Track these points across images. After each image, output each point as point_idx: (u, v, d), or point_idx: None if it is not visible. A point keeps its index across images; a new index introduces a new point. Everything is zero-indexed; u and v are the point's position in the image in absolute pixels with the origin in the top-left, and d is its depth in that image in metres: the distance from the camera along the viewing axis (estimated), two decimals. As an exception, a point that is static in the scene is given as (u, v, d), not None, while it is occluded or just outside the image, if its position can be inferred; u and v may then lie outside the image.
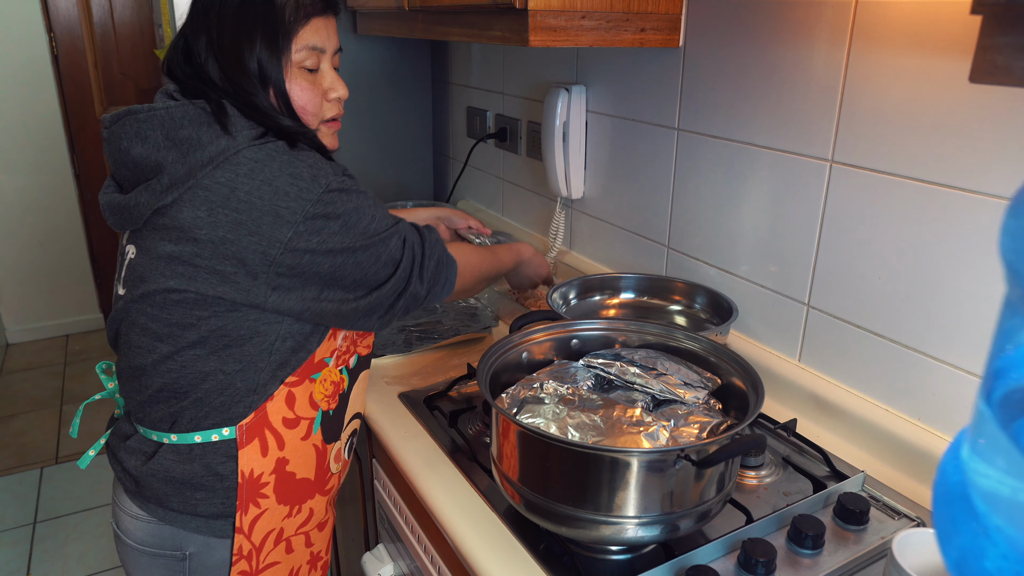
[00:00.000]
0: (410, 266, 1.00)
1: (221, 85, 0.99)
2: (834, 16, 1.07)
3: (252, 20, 0.97)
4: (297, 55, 1.01)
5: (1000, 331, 0.36)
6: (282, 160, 0.92)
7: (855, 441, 1.12)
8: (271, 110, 0.99)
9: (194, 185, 0.91)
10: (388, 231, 0.98)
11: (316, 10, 1.02)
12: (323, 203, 0.92)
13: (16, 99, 3.54)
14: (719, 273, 1.35)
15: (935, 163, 0.97)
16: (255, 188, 0.90)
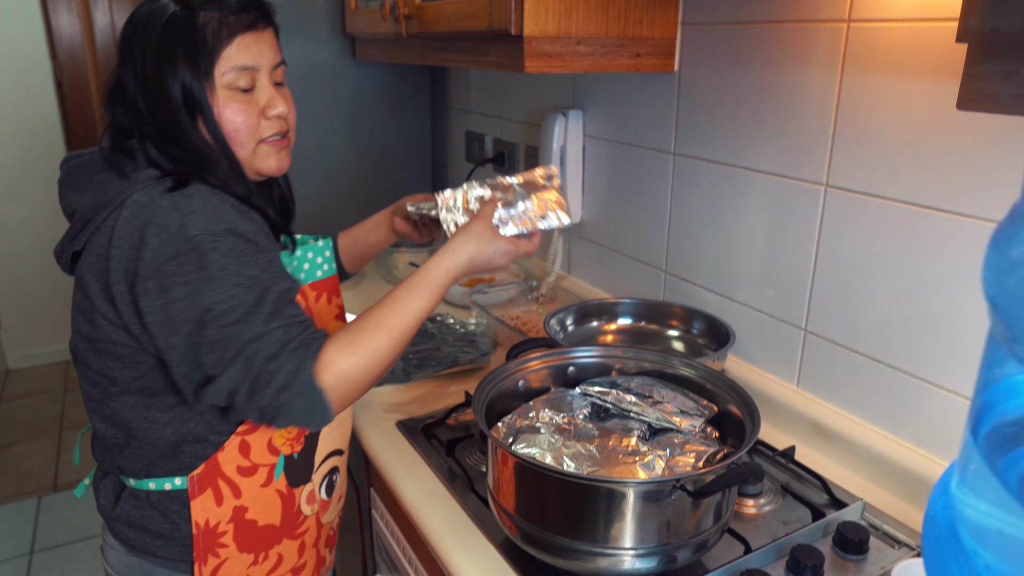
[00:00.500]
0: (233, 378, 0.85)
1: (149, 119, 0.96)
2: (826, 41, 1.07)
3: (174, 45, 0.93)
4: (225, 77, 0.95)
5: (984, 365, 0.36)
6: (159, 207, 0.87)
7: (855, 468, 1.11)
8: (192, 144, 0.95)
9: (94, 231, 0.91)
10: (228, 325, 0.85)
11: (241, 27, 0.96)
12: (181, 256, 0.85)
13: (20, 126, 3.56)
14: (717, 298, 1.34)
15: (928, 187, 0.97)
16: (128, 234, 0.87)
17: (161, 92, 0.93)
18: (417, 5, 1.47)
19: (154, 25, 0.94)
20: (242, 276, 0.86)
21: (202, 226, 0.86)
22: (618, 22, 1.25)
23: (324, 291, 1.13)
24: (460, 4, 1.30)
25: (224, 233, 0.87)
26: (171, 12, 0.94)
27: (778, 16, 1.14)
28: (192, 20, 0.93)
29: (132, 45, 0.96)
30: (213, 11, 0.94)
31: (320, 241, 1.11)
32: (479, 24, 1.24)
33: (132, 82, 0.96)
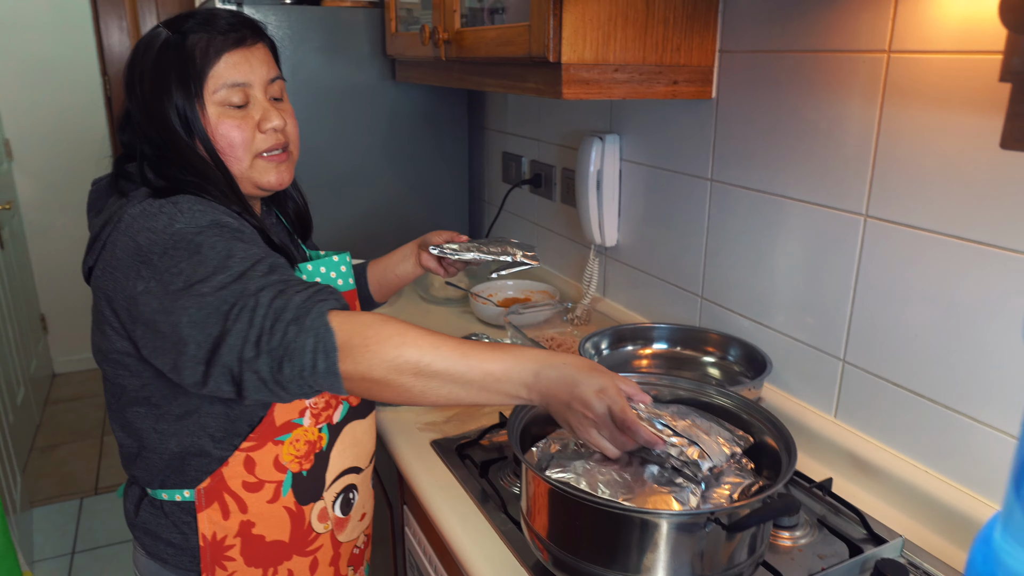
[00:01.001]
0: (243, 330, 0.80)
1: (150, 142, 1.00)
2: (866, 71, 1.07)
3: (166, 69, 0.97)
4: (216, 95, 0.99)
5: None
6: (149, 214, 0.90)
7: (894, 503, 1.09)
8: (188, 162, 0.98)
9: (100, 247, 0.94)
10: (227, 285, 0.83)
11: (228, 45, 1.00)
12: (171, 248, 0.87)
13: (70, 139, 3.68)
14: (753, 325, 1.34)
15: (970, 220, 0.96)
16: (125, 245, 0.90)
17: (159, 115, 0.97)
18: (457, 30, 1.49)
19: (150, 52, 0.99)
20: (234, 251, 0.86)
21: (187, 220, 0.89)
22: (655, 50, 1.26)
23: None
24: (499, 31, 1.32)
25: (210, 224, 0.89)
26: (164, 38, 0.99)
27: (817, 46, 1.13)
28: (182, 44, 0.98)
29: (133, 74, 1.01)
30: (202, 33, 0.99)
31: (335, 256, 1.12)
32: (518, 51, 1.25)
33: (135, 108, 1.01)
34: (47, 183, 3.70)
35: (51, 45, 3.55)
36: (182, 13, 1.04)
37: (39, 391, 3.58)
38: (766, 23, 1.22)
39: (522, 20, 1.25)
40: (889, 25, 1.03)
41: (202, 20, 1.00)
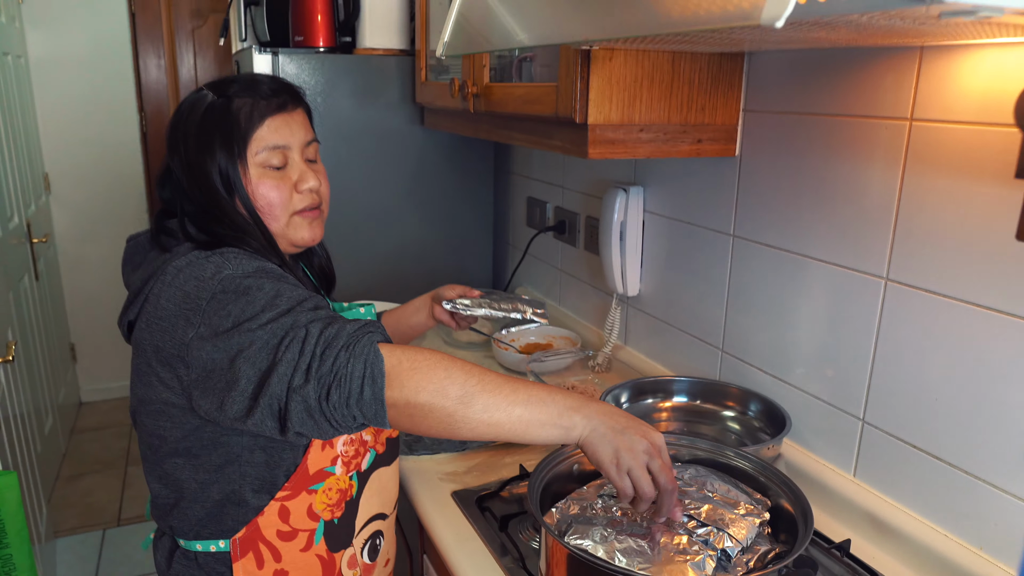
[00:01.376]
0: (294, 359, 0.84)
1: (191, 199, 1.05)
2: (888, 137, 1.09)
3: (211, 130, 1.03)
4: (258, 157, 1.04)
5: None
6: (196, 264, 0.95)
7: (913, 565, 1.09)
8: (229, 219, 1.03)
9: (144, 301, 0.97)
10: (276, 319, 0.87)
11: (271, 110, 1.06)
12: (219, 292, 0.91)
13: (106, 172, 3.78)
14: (773, 381, 1.35)
15: (989, 288, 0.97)
16: (172, 296, 0.93)
17: (202, 174, 1.03)
18: (485, 85, 1.53)
19: (195, 114, 1.04)
20: (281, 291, 0.91)
21: (234, 267, 0.93)
22: (680, 110, 1.29)
23: None
24: (527, 89, 1.36)
25: (257, 270, 0.94)
26: (209, 101, 1.05)
27: (840, 110, 1.16)
28: (227, 107, 1.03)
29: (177, 133, 1.06)
30: (246, 97, 1.04)
31: (362, 308, 1.16)
32: (545, 110, 1.29)
33: (177, 166, 1.06)
34: (83, 216, 3.80)
35: (90, 82, 3.67)
36: (226, 78, 1.11)
37: (66, 420, 3.64)
38: (790, 85, 1.24)
39: (550, 70, 1.29)
40: (911, 93, 1.05)
41: (246, 85, 1.06)
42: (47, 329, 3.24)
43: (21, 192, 2.96)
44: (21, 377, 2.57)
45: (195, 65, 3.79)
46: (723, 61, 1.30)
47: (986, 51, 0.94)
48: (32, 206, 3.18)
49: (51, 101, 3.62)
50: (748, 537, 0.90)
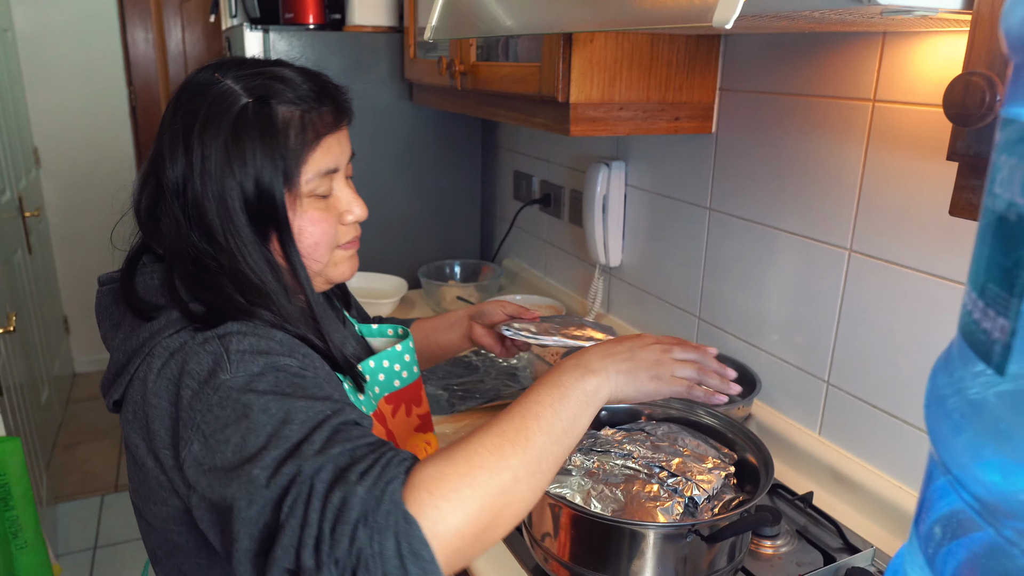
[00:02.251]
0: (297, 527, 0.62)
1: (195, 239, 0.81)
2: (853, 117, 1.16)
3: (247, 146, 0.78)
4: (307, 186, 0.83)
5: (927, 467, 0.45)
6: (191, 353, 0.74)
7: (870, 515, 1.18)
8: (242, 268, 0.80)
9: (128, 381, 0.78)
10: (280, 466, 0.65)
11: (328, 126, 0.84)
12: (216, 408, 0.70)
13: (96, 146, 3.80)
14: (746, 346, 1.43)
15: (942, 258, 1.05)
16: (161, 389, 0.74)
17: (223, 205, 0.79)
18: (472, 63, 1.59)
19: (221, 118, 0.79)
20: (290, 413, 0.69)
21: (235, 368, 0.72)
22: (659, 89, 1.35)
23: (403, 402, 0.99)
24: (512, 68, 1.41)
25: (264, 370, 0.72)
26: (242, 103, 0.80)
27: (809, 91, 1.22)
28: (271, 117, 0.80)
29: (185, 138, 0.80)
30: (291, 107, 0.82)
31: (399, 344, 0.99)
32: (529, 89, 1.35)
33: (179, 184, 0.80)
34: (73, 190, 3.82)
35: (78, 56, 3.67)
36: (243, 62, 0.85)
37: (62, 391, 3.70)
38: (764, 66, 1.31)
39: (535, 50, 1.34)
40: (875, 76, 1.12)
41: (283, 82, 0.82)
42: (41, 302, 3.29)
43: (12, 166, 2.99)
44: (17, 349, 2.63)
45: (183, 39, 3.80)
46: (700, 43, 1.36)
47: (941, 37, 1.01)
48: (23, 180, 3.21)
49: (39, 75, 3.62)
50: (714, 487, 0.98)
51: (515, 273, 2.30)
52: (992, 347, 0.35)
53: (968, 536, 0.44)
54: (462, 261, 2.27)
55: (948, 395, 0.41)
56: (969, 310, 0.38)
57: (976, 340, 0.37)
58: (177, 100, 0.83)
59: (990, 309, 0.35)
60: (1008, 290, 0.34)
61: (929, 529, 0.44)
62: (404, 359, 0.99)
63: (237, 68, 0.84)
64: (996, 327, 0.35)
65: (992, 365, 0.35)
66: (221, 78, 0.82)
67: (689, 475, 0.98)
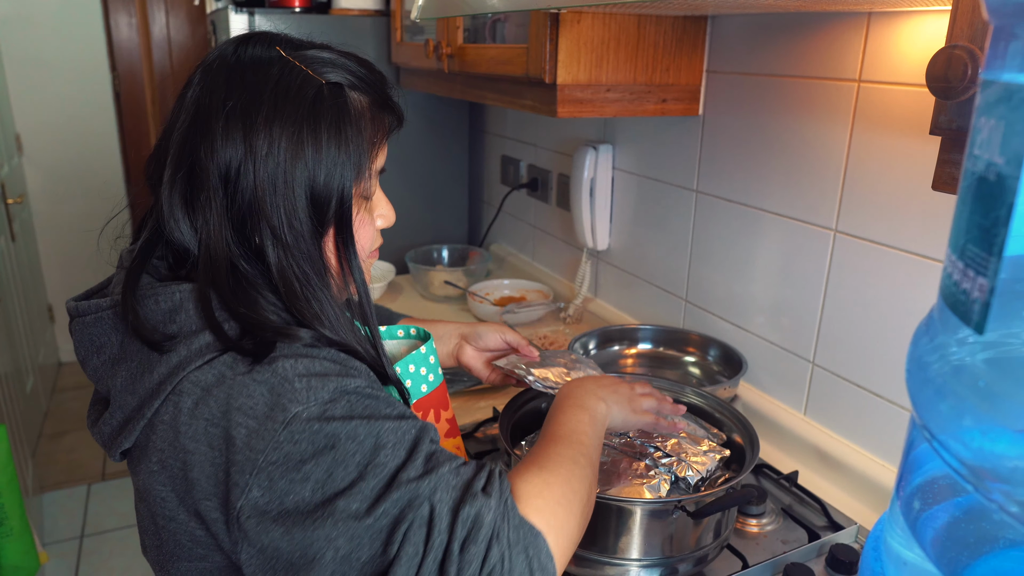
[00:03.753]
0: (417, 554, 0.59)
1: (225, 242, 0.70)
2: (839, 98, 1.16)
3: (323, 136, 0.70)
4: (368, 183, 0.76)
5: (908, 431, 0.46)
6: (237, 387, 0.64)
7: (854, 494, 1.19)
8: (296, 275, 0.71)
9: (146, 426, 0.67)
10: (384, 494, 0.60)
11: (393, 124, 0.80)
12: (287, 444, 0.61)
13: (79, 133, 3.76)
14: (732, 328, 1.43)
15: (926, 238, 1.06)
16: (200, 432, 0.64)
17: (287, 190, 0.69)
18: (459, 46, 1.58)
19: (295, 98, 0.69)
20: (381, 437, 0.63)
21: (304, 398, 0.63)
22: (646, 70, 1.35)
23: (431, 407, 0.95)
24: (499, 50, 1.41)
25: (335, 396, 0.64)
26: (317, 86, 0.70)
27: (795, 72, 1.23)
28: (347, 105, 0.72)
29: (245, 118, 0.69)
30: (362, 97, 0.75)
31: (423, 346, 0.94)
32: (516, 70, 1.34)
33: (231, 171, 0.69)
34: (56, 176, 3.78)
35: (60, 41, 3.63)
36: (302, 45, 0.75)
37: (47, 379, 3.67)
38: (750, 48, 1.31)
39: (521, 32, 1.34)
40: (860, 57, 1.12)
41: (354, 74, 0.75)
42: (24, 290, 3.26)
43: (-6, 152, 2.96)
44: (2, 337, 2.60)
45: (167, 24, 3.76)
46: (687, 24, 1.36)
47: (925, 17, 1.01)
48: (5, 167, 3.17)
49: (20, 60, 3.58)
50: (708, 469, 0.99)
51: (502, 258, 2.30)
52: (972, 307, 0.35)
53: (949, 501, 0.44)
54: (450, 246, 2.26)
55: (930, 361, 0.41)
56: (949, 273, 0.38)
57: (956, 301, 0.37)
58: (226, 75, 0.71)
59: (969, 269, 0.35)
60: (987, 249, 0.34)
61: (910, 494, 0.45)
62: (429, 361, 0.94)
63: (295, 46, 0.74)
64: (975, 287, 0.35)
65: (972, 325, 0.35)
66: (285, 54, 0.72)
67: (684, 456, 0.98)
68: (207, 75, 0.72)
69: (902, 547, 0.45)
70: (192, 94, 0.72)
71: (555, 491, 0.66)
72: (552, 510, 0.64)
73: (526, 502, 0.64)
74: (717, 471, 1.01)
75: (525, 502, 0.64)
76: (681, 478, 0.97)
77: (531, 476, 0.67)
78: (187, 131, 0.71)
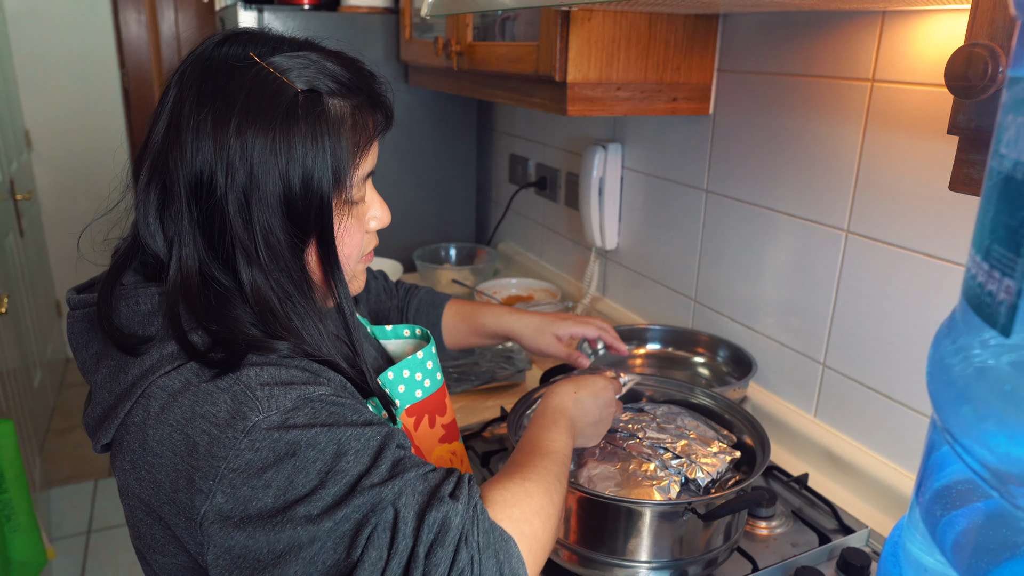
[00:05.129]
0: (381, 559, 0.59)
1: (197, 256, 0.69)
2: (852, 97, 1.15)
3: (297, 144, 0.68)
4: (351, 191, 0.74)
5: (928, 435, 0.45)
6: (200, 395, 0.63)
7: (865, 497, 1.18)
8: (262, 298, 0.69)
9: (119, 426, 0.67)
10: (345, 499, 0.60)
11: (378, 128, 0.76)
12: (248, 451, 0.61)
13: (88, 130, 3.77)
14: (742, 328, 1.42)
15: (942, 239, 1.05)
16: (164, 437, 0.64)
17: (260, 198, 0.67)
18: (469, 43, 1.57)
19: (266, 107, 0.67)
20: (344, 444, 0.63)
21: (265, 407, 0.62)
22: (656, 69, 1.34)
23: (426, 412, 0.93)
24: (509, 48, 1.40)
25: (298, 404, 0.64)
26: (291, 93, 0.68)
27: (807, 71, 1.22)
28: (324, 113, 0.69)
29: (216, 126, 0.67)
30: (342, 103, 0.72)
31: (420, 352, 0.91)
32: (526, 68, 1.34)
33: (201, 181, 0.68)
34: (65, 173, 3.79)
35: (69, 37, 3.64)
36: (282, 46, 0.72)
37: (54, 375, 3.68)
38: (762, 47, 1.30)
39: (531, 30, 1.33)
40: (873, 56, 1.11)
41: (334, 78, 0.72)
42: (33, 285, 3.27)
43: (3, 149, 2.96)
44: (10, 332, 2.61)
45: (176, 20, 3.76)
46: (698, 22, 1.35)
47: (941, 16, 1.00)
48: (14, 163, 3.18)
49: (29, 57, 3.58)
50: (719, 471, 0.98)
51: (510, 257, 2.29)
52: (998, 309, 0.34)
53: (970, 505, 0.43)
54: (457, 244, 2.26)
55: (953, 363, 0.40)
56: (973, 274, 0.38)
57: (981, 303, 0.36)
58: (198, 80, 0.69)
59: (995, 271, 0.35)
60: (1014, 250, 0.33)
61: (931, 499, 0.44)
62: (426, 366, 0.91)
63: (270, 49, 0.71)
64: (1001, 288, 0.34)
65: (998, 327, 0.34)
66: (259, 59, 0.69)
67: (694, 457, 0.98)
68: (182, 79, 0.71)
69: (922, 552, 0.45)
70: (169, 98, 0.71)
71: (534, 502, 0.67)
72: (528, 520, 0.65)
73: (501, 510, 0.64)
74: (727, 473, 1.00)
75: (500, 510, 0.64)
76: (691, 480, 0.96)
77: (512, 485, 0.68)
78: (162, 139, 0.70)
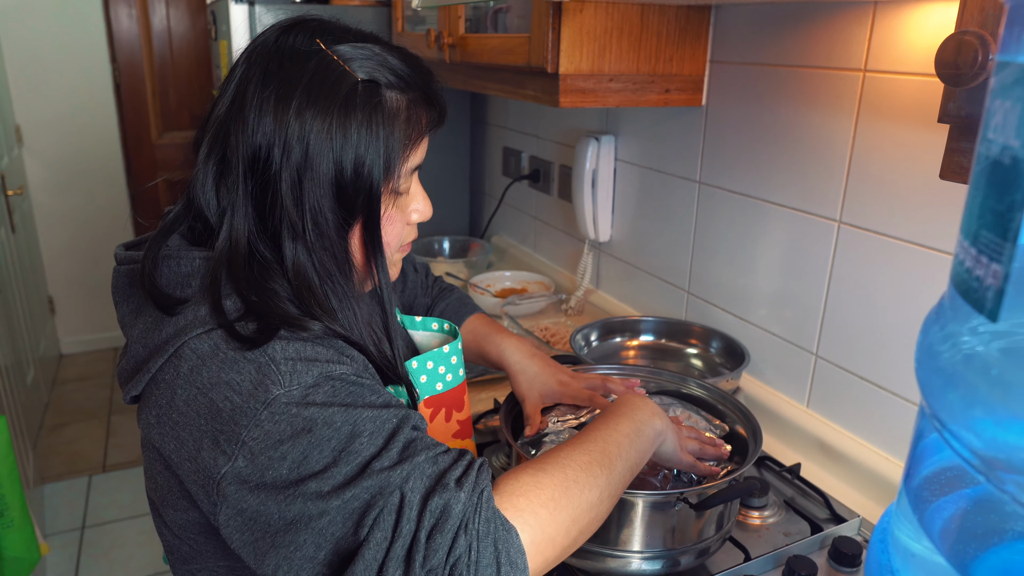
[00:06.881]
0: (386, 539, 0.60)
1: (246, 228, 0.72)
2: (844, 88, 1.15)
3: (353, 130, 0.71)
4: (398, 182, 0.77)
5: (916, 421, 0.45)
6: (226, 362, 0.66)
7: (856, 486, 1.18)
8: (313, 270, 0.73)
9: (149, 380, 0.71)
10: (354, 480, 0.62)
11: (431, 124, 0.79)
12: (268, 423, 0.63)
13: (79, 125, 3.75)
14: (734, 320, 1.43)
15: (933, 229, 1.05)
16: (190, 397, 0.67)
17: (312, 176, 0.71)
18: (461, 36, 1.57)
19: (327, 93, 0.70)
20: (359, 425, 0.65)
21: (288, 381, 0.65)
22: (649, 60, 1.34)
23: (443, 406, 0.95)
24: (501, 40, 1.40)
25: (319, 381, 0.66)
26: (351, 82, 0.71)
27: (800, 61, 1.21)
28: (381, 104, 0.73)
29: (278, 106, 0.70)
30: (400, 96, 0.75)
31: (447, 346, 0.93)
32: (518, 60, 1.33)
33: (258, 155, 0.71)
34: (57, 168, 3.77)
35: (60, 32, 3.61)
36: (346, 36, 0.75)
37: (47, 371, 3.67)
38: (754, 38, 1.30)
39: (524, 21, 1.33)
40: (865, 46, 1.11)
41: (395, 72, 0.74)
42: (25, 282, 3.26)
43: (-6, 143, 2.95)
44: (2, 328, 2.60)
45: (168, 15, 3.74)
46: (690, 14, 1.35)
47: (932, 5, 1.00)
48: (5, 159, 3.16)
49: (20, 51, 3.56)
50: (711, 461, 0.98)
51: (504, 250, 2.29)
52: (985, 294, 0.34)
53: (958, 491, 0.44)
54: (451, 237, 2.26)
55: (941, 349, 0.40)
56: (961, 260, 0.38)
57: (969, 288, 0.36)
58: (265, 61, 0.73)
59: (983, 256, 0.35)
60: (1001, 235, 0.33)
61: (919, 486, 0.44)
62: (451, 361, 0.93)
63: (336, 38, 0.74)
64: (989, 273, 0.34)
65: (985, 312, 0.35)
66: (324, 47, 0.73)
67: None
68: (250, 59, 0.75)
69: (910, 539, 0.45)
70: (236, 76, 0.75)
71: (544, 493, 0.66)
72: (534, 510, 0.64)
73: (507, 499, 0.65)
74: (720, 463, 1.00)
75: (506, 499, 0.64)
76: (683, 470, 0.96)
77: (525, 476, 0.68)
78: (225, 113, 0.73)
